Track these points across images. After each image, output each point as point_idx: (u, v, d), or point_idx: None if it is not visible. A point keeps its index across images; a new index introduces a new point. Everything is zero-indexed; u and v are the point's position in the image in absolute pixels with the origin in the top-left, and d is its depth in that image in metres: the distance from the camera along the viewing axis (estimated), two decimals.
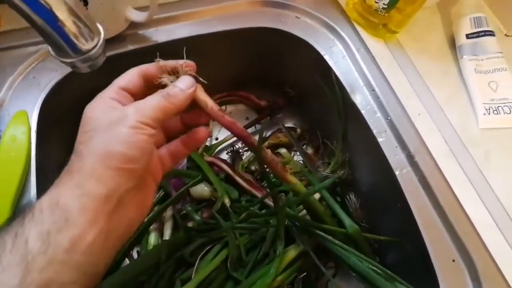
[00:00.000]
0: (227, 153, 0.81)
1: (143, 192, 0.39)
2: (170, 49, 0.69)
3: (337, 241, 0.54)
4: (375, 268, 0.52)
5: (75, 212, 0.31)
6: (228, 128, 0.43)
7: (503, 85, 0.66)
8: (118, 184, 0.33)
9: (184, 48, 0.43)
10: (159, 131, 0.44)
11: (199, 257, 0.52)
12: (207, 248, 0.54)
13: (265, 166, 0.47)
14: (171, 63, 0.41)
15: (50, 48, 0.39)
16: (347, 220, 0.61)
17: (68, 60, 0.39)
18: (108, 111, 0.36)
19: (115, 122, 0.34)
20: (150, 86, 0.40)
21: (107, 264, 0.34)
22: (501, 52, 0.68)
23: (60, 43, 0.37)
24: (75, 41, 0.37)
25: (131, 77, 0.40)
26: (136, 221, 0.37)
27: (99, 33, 0.41)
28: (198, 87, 0.42)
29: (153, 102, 0.37)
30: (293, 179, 0.49)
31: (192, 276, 0.49)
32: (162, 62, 0.40)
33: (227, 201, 0.63)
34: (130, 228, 0.37)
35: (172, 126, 0.45)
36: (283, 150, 0.81)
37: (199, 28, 0.69)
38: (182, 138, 0.44)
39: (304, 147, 0.83)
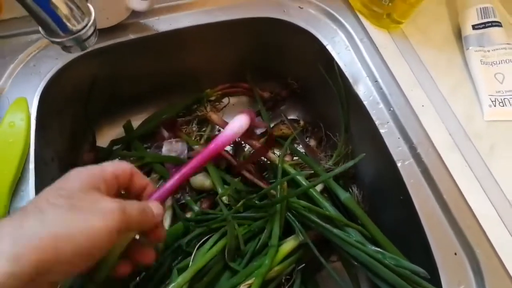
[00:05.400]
0: (229, 145, 0.81)
1: None
2: (172, 39, 0.69)
3: (336, 230, 0.53)
4: (379, 256, 0.52)
5: None
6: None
7: (509, 77, 0.64)
8: (51, 271, 0.28)
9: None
10: None
11: (197, 246, 0.52)
12: (205, 238, 0.54)
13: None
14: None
15: (40, 28, 0.39)
16: (339, 191, 0.62)
17: (58, 40, 0.39)
18: (92, 190, 0.34)
19: (95, 210, 0.32)
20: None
21: None
22: (508, 44, 0.67)
23: (51, 24, 0.36)
24: (67, 22, 0.37)
25: (126, 169, 0.39)
26: None
27: (90, 14, 0.40)
28: None
29: (135, 212, 0.36)
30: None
31: (189, 265, 0.49)
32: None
33: (224, 199, 0.63)
34: None
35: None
36: None
37: (201, 18, 0.69)
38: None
39: (307, 139, 0.82)
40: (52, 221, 0.30)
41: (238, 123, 0.56)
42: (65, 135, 0.69)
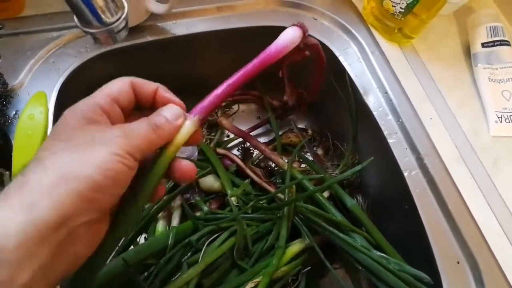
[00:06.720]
0: (237, 150, 0.82)
1: (99, 227, 0.33)
2: (187, 43, 0.71)
3: (342, 234, 0.55)
4: (383, 261, 0.53)
5: (10, 246, 0.25)
6: None
7: None
8: (76, 212, 0.28)
9: None
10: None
11: (206, 243, 0.53)
12: (213, 237, 0.55)
13: None
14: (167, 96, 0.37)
15: (75, 18, 0.41)
16: (346, 197, 0.63)
17: (92, 31, 0.41)
18: (90, 124, 0.32)
19: (96, 142, 0.30)
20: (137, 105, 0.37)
21: None
22: None
23: (87, 15, 0.38)
24: (101, 14, 0.39)
25: (123, 85, 0.36)
26: (82, 258, 0.31)
27: (123, 8, 0.42)
28: None
29: (141, 131, 0.33)
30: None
31: (199, 261, 0.50)
32: (161, 89, 0.37)
33: (233, 199, 0.64)
34: (74, 265, 0.31)
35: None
36: None
37: (217, 24, 0.71)
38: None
39: (314, 148, 0.83)
40: (54, 166, 0.29)
41: (290, 35, 0.48)
42: None
